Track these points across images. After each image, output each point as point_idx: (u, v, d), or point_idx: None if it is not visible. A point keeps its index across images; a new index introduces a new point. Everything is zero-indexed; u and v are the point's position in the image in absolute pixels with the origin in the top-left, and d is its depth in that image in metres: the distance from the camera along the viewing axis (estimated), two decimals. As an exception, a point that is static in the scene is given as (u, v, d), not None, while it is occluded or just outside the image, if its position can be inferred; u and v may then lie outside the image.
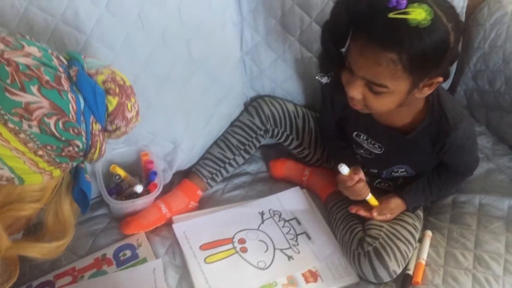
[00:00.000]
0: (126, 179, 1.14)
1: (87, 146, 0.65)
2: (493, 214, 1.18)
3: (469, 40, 1.38)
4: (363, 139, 1.14)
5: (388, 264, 1.03)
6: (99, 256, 1.10)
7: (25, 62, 0.59)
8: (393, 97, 0.91)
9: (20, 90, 0.57)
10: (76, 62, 0.66)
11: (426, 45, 0.82)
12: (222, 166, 1.24)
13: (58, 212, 0.69)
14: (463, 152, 1.08)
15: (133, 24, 0.98)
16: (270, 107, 1.25)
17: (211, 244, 1.12)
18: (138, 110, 0.74)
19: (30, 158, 0.60)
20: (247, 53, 1.24)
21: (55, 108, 0.60)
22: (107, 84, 0.66)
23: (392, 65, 0.84)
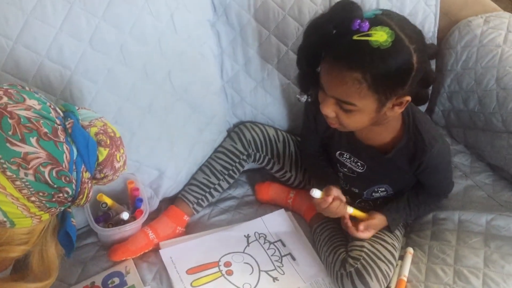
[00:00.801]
0: (113, 207, 1.17)
1: (76, 192, 0.70)
2: (471, 230, 1.21)
3: (443, 63, 1.44)
4: (346, 158, 1.17)
5: (370, 285, 1.06)
6: (88, 284, 1.12)
7: (26, 115, 0.64)
8: (363, 115, 0.96)
9: (20, 141, 0.62)
10: (71, 114, 0.72)
11: (388, 66, 0.87)
12: (208, 191, 1.27)
13: (43, 254, 0.73)
14: (438, 172, 1.13)
15: (116, 58, 1.03)
16: (251, 132, 1.29)
17: (197, 268, 1.15)
18: (126, 160, 0.79)
19: (23, 204, 0.64)
20: (228, 81, 1.29)
21: (51, 158, 0.64)
22: (99, 136, 0.72)
23: (357, 84, 0.89)
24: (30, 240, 0.69)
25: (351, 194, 1.22)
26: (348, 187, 1.23)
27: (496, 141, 1.32)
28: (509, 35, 1.33)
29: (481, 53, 1.34)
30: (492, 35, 1.34)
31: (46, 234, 0.72)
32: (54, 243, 0.73)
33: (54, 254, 0.73)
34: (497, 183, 1.35)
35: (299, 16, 1.21)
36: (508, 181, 1.34)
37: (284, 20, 1.22)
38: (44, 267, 0.73)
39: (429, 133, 1.07)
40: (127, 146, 1.12)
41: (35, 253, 0.72)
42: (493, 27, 1.36)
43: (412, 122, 1.07)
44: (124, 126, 1.09)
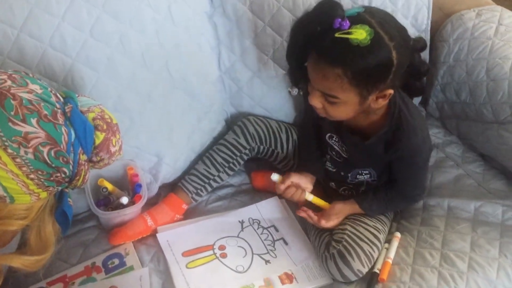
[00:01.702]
0: (114, 192, 1.22)
1: (73, 173, 0.74)
2: (460, 216, 1.25)
3: (436, 55, 1.47)
4: (335, 141, 1.22)
5: (352, 265, 1.09)
6: (89, 264, 1.17)
7: (28, 98, 0.69)
8: (347, 106, 1.01)
9: (22, 121, 0.67)
10: (71, 100, 0.77)
11: (367, 63, 0.92)
12: (207, 182, 1.31)
13: (40, 231, 0.77)
14: (410, 168, 1.16)
15: (115, 48, 1.08)
16: (255, 126, 1.32)
17: (193, 251, 1.19)
18: (121, 145, 0.84)
19: (23, 180, 0.69)
20: (226, 72, 1.33)
21: (50, 139, 0.69)
22: (96, 121, 0.77)
23: (339, 79, 0.95)
24: (29, 216, 0.73)
25: (338, 176, 1.26)
26: (336, 170, 1.27)
27: (487, 132, 1.36)
28: (500, 27, 1.36)
29: (473, 45, 1.37)
30: (484, 28, 1.37)
31: (44, 212, 0.76)
32: (51, 221, 0.78)
33: (51, 231, 0.78)
34: (488, 172, 1.38)
35: (293, 8, 1.25)
36: (498, 170, 1.37)
37: (279, 11, 1.26)
38: (41, 242, 0.77)
39: (412, 126, 1.10)
40: (126, 132, 1.18)
41: (33, 229, 0.77)
42: (484, 20, 1.39)
43: (398, 112, 1.10)
44: (123, 113, 1.14)
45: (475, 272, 1.11)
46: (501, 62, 1.29)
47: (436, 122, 1.56)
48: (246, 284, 1.12)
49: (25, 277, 1.15)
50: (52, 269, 1.16)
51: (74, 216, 1.29)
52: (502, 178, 1.35)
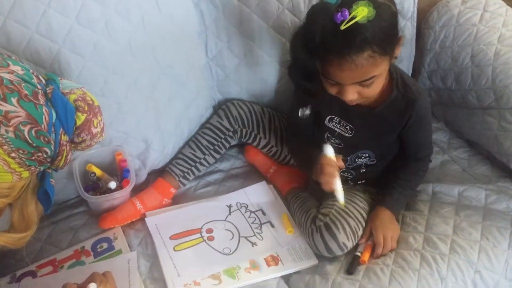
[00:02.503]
0: (103, 178, 1.24)
1: (55, 153, 0.76)
2: (444, 200, 1.27)
3: (422, 42, 1.49)
4: (336, 123, 1.22)
5: (337, 237, 1.11)
6: (79, 248, 1.19)
7: (9, 78, 0.70)
8: (381, 77, 1.04)
9: (2, 100, 0.68)
10: (52, 82, 0.78)
11: (383, 28, 0.95)
12: (193, 165, 1.34)
13: (23, 210, 0.79)
14: (423, 127, 1.19)
15: (101, 34, 1.09)
16: (238, 109, 1.35)
17: (180, 234, 1.21)
18: (103, 128, 0.85)
19: (4, 159, 0.70)
20: (213, 59, 1.34)
21: (30, 118, 0.70)
22: (77, 103, 0.78)
23: (371, 59, 0.96)
24: (11, 194, 0.75)
25: None
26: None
27: (472, 117, 1.37)
28: (485, 14, 1.37)
29: (458, 32, 1.39)
30: (469, 15, 1.38)
31: (26, 192, 0.78)
32: (34, 201, 0.80)
33: (34, 210, 0.80)
34: (473, 158, 1.40)
35: (279, -6, 1.27)
36: (483, 156, 1.39)
37: (264, -2, 1.27)
38: (23, 221, 0.79)
39: (415, 85, 1.15)
40: (114, 117, 1.20)
41: (16, 208, 0.78)
42: (470, 7, 1.40)
43: (400, 77, 1.13)
44: (110, 99, 1.16)
45: (457, 254, 1.12)
46: (485, 48, 1.31)
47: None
48: (232, 266, 1.14)
49: (16, 261, 1.17)
50: (42, 253, 1.19)
51: (65, 202, 1.32)
52: (486, 164, 1.37)
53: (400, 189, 1.22)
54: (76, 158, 1.20)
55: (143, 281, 1.11)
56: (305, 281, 1.13)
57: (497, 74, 1.27)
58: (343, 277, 1.11)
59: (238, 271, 1.13)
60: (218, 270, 1.13)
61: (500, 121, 1.27)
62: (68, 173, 1.23)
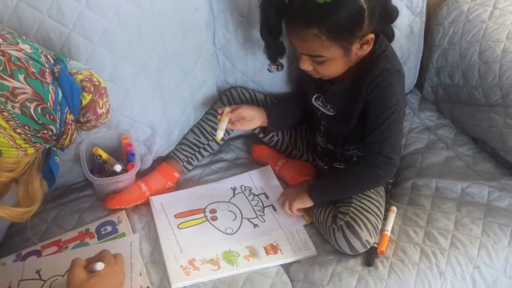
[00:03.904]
0: (108, 161, 1.26)
1: (60, 132, 0.78)
2: (446, 196, 1.27)
3: (431, 38, 1.49)
4: (321, 101, 1.25)
5: (360, 235, 1.11)
6: (83, 230, 1.21)
7: (17, 55, 0.73)
8: (335, 61, 1.07)
9: (9, 77, 0.71)
10: (60, 62, 0.80)
11: (338, 16, 0.97)
12: (197, 150, 1.36)
13: (28, 186, 0.82)
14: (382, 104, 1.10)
15: (111, 19, 1.11)
16: (240, 96, 1.37)
17: (185, 213, 1.25)
18: (109, 109, 0.87)
19: (10, 134, 0.72)
20: (220, 48, 1.35)
21: (36, 96, 0.73)
22: (84, 83, 0.80)
23: (316, 38, 1.00)
24: (16, 170, 0.77)
25: (328, 152, 1.29)
26: (325, 145, 1.30)
27: (478, 114, 1.37)
28: (495, 11, 1.37)
29: (467, 28, 1.39)
30: (478, 11, 1.38)
31: (32, 168, 0.81)
32: (38, 178, 0.82)
33: (38, 186, 0.83)
34: (478, 155, 1.40)
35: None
36: (489, 153, 1.39)
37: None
38: (28, 197, 0.82)
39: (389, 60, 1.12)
40: (121, 103, 1.22)
41: (21, 184, 0.81)
42: (480, 3, 1.40)
43: (380, 52, 1.12)
44: (118, 84, 1.18)
45: (457, 249, 1.13)
46: (493, 45, 1.31)
47: (431, 105, 1.58)
48: (230, 249, 1.16)
49: (22, 240, 1.20)
50: (48, 234, 1.21)
51: (71, 184, 1.35)
52: (491, 161, 1.36)
53: (331, 177, 1.24)
54: (83, 141, 1.22)
55: (145, 264, 1.12)
56: (305, 270, 1.14)
57: (504, 71, 1.27)
58: (342, 267, 1.12)
59: (237, 258, 1.14)
60: (220, 249, 1.16)
61: (506, 119, 1.27)
62: (75, 156, 1.25)
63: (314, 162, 1.40)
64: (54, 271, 1.09)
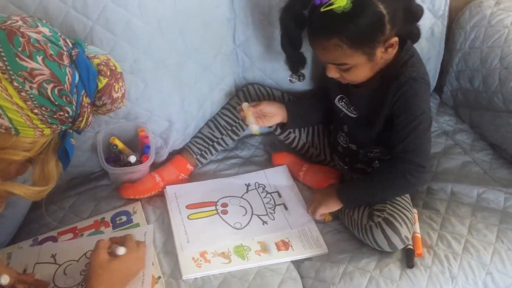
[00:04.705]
0: (124, 152, 1.28)
1: (76, 114, 0.80)
2: (462, 201, 1.26)
3: (452, 42, 1.48)
4: (344, 103, 1.25)
5: (400, 230, 1.10)
6: (99, 219, 1.24)
7: (36, 37, 0.75)
8: (360, 68, 1.08)
9: (28, 58, 0.73)
10: (78, 46, 0.82)
11: (357, 24, 0.98)
12: (211, 144, 1.37)
13: (44, 166, 0.83)
14: (408, 112, 1.09)
15: (133, 13, 1.13)
16: (257, 92, 1.38)
17: (196, 205, 1.27)
18: (124, 93, 0.89)
19: (27, 114, 0.74)
20: (240, 45, 1.36)
21: (54, 77, 0.74)
22: (100, 67, 0.82)
23: (338, 48, 1.02)
24: (33, 149, 0.79)
25: (350, 152, 1.29)
26: (347, 144, 1.30)
27: (497, 120, 1.36)
28: (518, 16, 1.36)
29: (489, 33, 1.38)
30: (501, 16, 1.37)
31: (48, 149, 0.82)
32: (54, 158, 0.84)
33: (53, 167, 0.84)
34: (495, 161, 1.38)
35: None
36: (507, 160, 1.38)
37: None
38: (44, 177, 0.84)
39: (415, 67, 1.11)
40: (140, 95, 1.24)
41: (38, 164, 0.83)
42: (503, 8, 1.39)
43: (406, 59, 1.12)
44: (138, 77, 1.20)
45: (470, 255, 1.12)
46: (515, 50, 1.29)
47: (449, 110, 1.57)
48: (242, 243, 1.17)
49: (39, 226, 1.23)
50: (64, 221, 1.24)
51: (89, 174, 1.37)
52: (509, 168, 1.35)
53: (361, 181, 1.21)
54: (101, 130, 1.25)
55: (157, 253, 1.14)
56: (316, 268, 1.14)
57: (525, 77, 1.26)
58: (354, 267, 1.12)
59: (248, 253, 1.15)
60: (226, 243, 1.17)
61: (525, 125, 1.26)
62: (92, 146, 1.27)
63: (332, 162, 1.39)
64: (69, 256, 1.12)
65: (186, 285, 1.08)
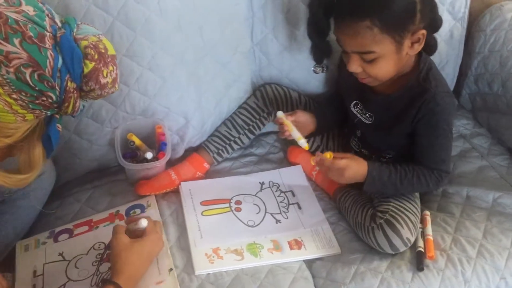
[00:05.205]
0: (141, 148, 1.30)
1: (60, 99, 0.75)
2: (477, 205, 1.25)
3: (472, 45, 1.46)
4: (359, 109, 1.24)
5: (401, 232, 1.10)
6: (113, 212, 1.25)
7: (15, 17, 0.69)
8: (386, 60, 1.05)
9: (4, 40, 0.67)
10: (66, 25, 0.76)
11: (392, 7, 0.97)
12: (228, 143, 1.38)
13: (29, 152, 0.80)
14: (435, 126, 1.12)
15: (153, 10, 1.14)
16: (274, 92, 1.39)
17: (211, 202, 1.28)
18: (116, 79, 0.81)
19: (5, 99, 0.70)
20: (257, 44, 1.37)
21: (32, 61, 0.69)
22: (87, 50, 0.75)
23: (369, 31, 0.99)
24: (14, 135, 0.75)
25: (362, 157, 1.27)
26: (359, 150, 1.30)
27: (515, 125, 1.35)
28: (540, 20, 1.34)
29: (509, 36, 1.36)
30: (522, 20, 1.35)
31: (32, 135, 0.78)
32: (40, 145, 0.81)
33: (40, 153, 0.81)
34: (513, 166, 1.37)
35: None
36: (524, 165, 1.36)
37: (313, -13, 1.29)
38: (29, 163, 0.81)
39: (440, 86, 1.12)
40: (158, 91, 1.25)
41: (23, 150, 0.80)
42: (524, 12, 1.37)
43: (426, 71, 1.12)
44: (156, 73, 1.21)
45: (484, 259, 1.11)
46: (536, 54, 1.28)
47: (467, 113, 1.56)
48: (253, 240, 1.18)
49: (55, 219, 1.25)
50: (80, 214, 1.26)
51: (106, 168, 1.39)
52: (526, 173, 1.33)
53: (391, 175, 1.15)
54: (118, 126, 1.26)
55: (170, 248, 1.15)
56: (328, 268, 1.14)
57: (544, 81, 1.24)
58: (366, 268, 1.12)
59: (261, 250, 1.15)
60: (239, 240, 1.17)
61: (544, 130, 1.24)
62: (110, 142, 1.29)
63: None
64: (77, 252, 1.14)
65: (198, 281, 1.09)
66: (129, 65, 1.17)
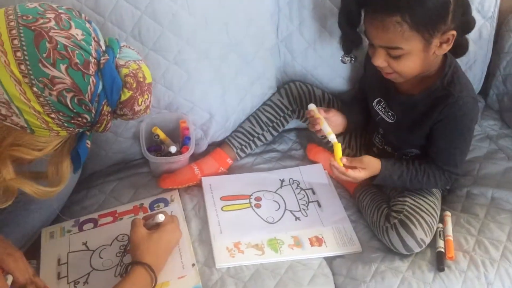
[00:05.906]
0: (165, 142, 1.32)
1: (95, 121, 0.78)
2: (502, 207, 1.23)
3: (501, 44, 1.44)
4: (382, 106, 1.23)
5: (414, 233, 1.09)
6: (138, 204, 1.27)
7: (64, 43, 0.71)
8: (413, 57, 1.04)
9: (51, 65, 0.70)
10: (110, 51, 0.78)
11: (424, 5, 0.95)
12: (251, 139, 1.39)
13: (58, 166, 0.82)
14: (452, 131, 1.12)
15: (180, 5, 1.16)
16: (298, 90, 1.39)
17: (231, 197, 1.29)
18: (149, 105, 0.85)
19: (43, 118, 0.73)
20: (282, 40, 1.37)
21: (75, 87, 0.72)
22: (127, 78, 0.78)
23: (398, 27, 0.98)
24: (45, 149, 0.78)
25: (385, 154, 1.28)
26: (383, 146, 1.29)
27: (543, 126, 1.32)
28: None
29: (539, 36, 1.33)
30: (553, 19, 1.32)
31: (62, 149, 0.81)
32: (68, 159, 0.83)
33: (68, 168, 0.83)
34: (539, 169, 1.34)
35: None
36: (552, 168, 1.33)
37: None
38: (57, 176, 0.83)
39: (465, 90, 1.10)
40: (183, 86, 1.27)
41: (52, 163, 0.82)
42: (556, 11, 1.34)
43: (451, 74, 1.11)
44: (182, 68, 1.23)
45: (508, 262, 1.10)
46: None
47: (494, 114, 1.53)
48: (273, 236, 1.18)
49: (81, 209, 1.28)
50: (105, 205, 1.29)
51: (130, 161, 1.42)
52: (554, 176, 1.30)
53: (405, 173, 1.16)
54: (143, 120, 1.28)
55: (192, 242, 1.17)
56: (348, 266, 1.14)
57: None
58: (386, 267, 1.12)
59: (282, 246, 1.16)
60: (258, 236, 1.18)
61: None
62: (135, 135, 1.31)
63: None
64: (100, 242, 1.17)
65: (219, 274, 1.10)
66: (156, 59, 1.19)
